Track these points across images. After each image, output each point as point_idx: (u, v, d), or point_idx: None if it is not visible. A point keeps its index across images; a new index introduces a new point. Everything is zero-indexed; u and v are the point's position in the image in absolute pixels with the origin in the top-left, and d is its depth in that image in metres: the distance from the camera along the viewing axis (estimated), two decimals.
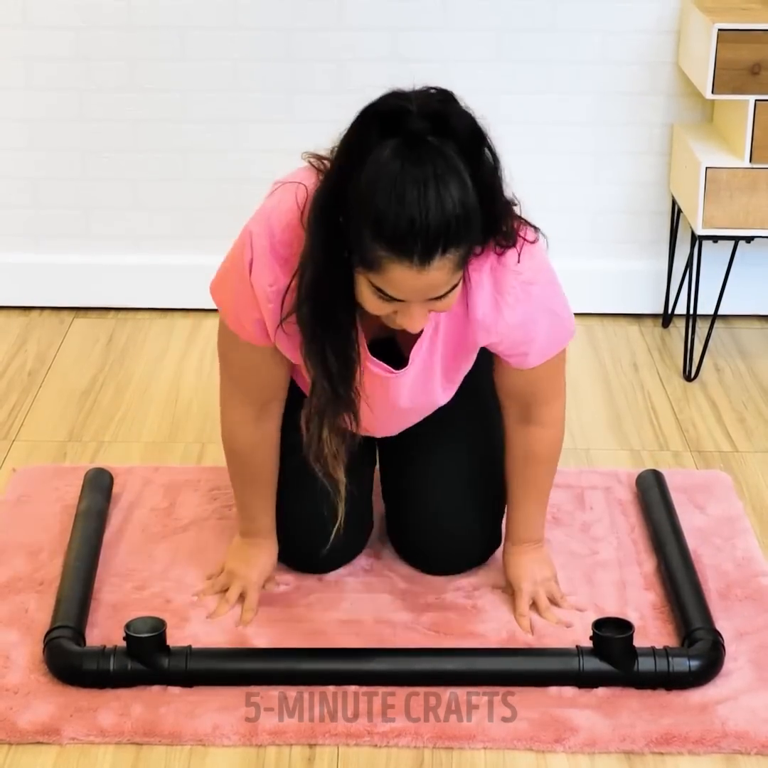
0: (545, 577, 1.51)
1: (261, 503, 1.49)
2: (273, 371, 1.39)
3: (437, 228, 1.15)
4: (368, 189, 1.15)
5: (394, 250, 1.16)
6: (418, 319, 1.22)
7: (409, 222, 1.14)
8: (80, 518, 1.62)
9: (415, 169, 1.15)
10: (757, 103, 1.97)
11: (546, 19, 2.17)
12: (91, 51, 2.18)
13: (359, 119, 1.19)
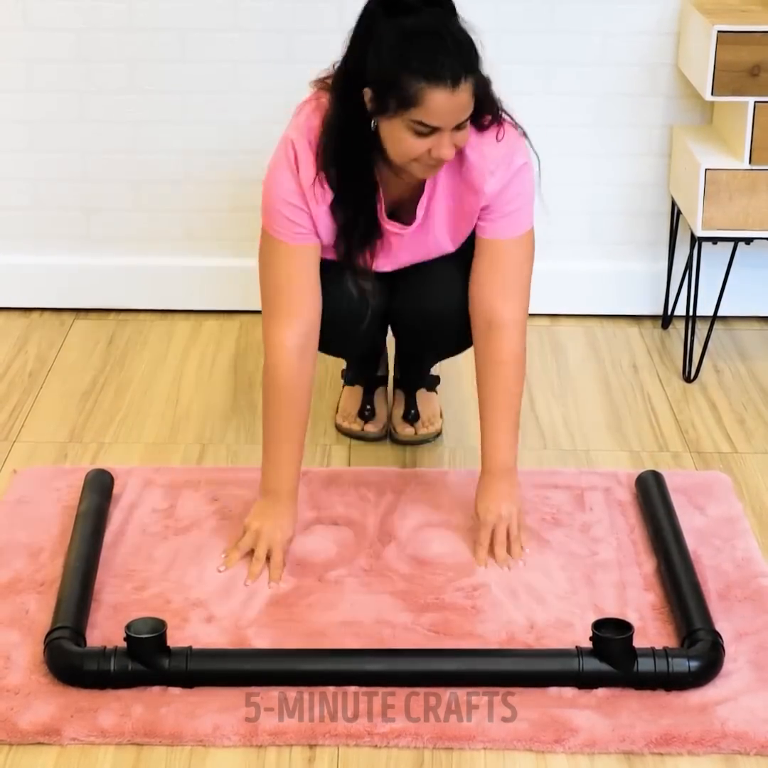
0: (510, 512, 1.60)
1: (289, 449, 1.59)
2: (312, 278, 1.59)
3: (459, 54, 1.46)
4: (395, 44, 1.45)
5: (431, 78, 1.44)
6: (450, 147, 1.49)
7: (436, 54, 1.44)
8: (81, 519, 1.62)
9: (425, 20, 1.46)
10: (757, 105, 1.98)
11: (545, 21, 2.18)
12: (91, 53, 2.18)
13: (362, 12, 1.50)
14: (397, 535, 1.65)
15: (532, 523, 1.68)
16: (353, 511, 1.70)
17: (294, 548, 1.62)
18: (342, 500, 1.73)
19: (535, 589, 1.55)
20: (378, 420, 1.91)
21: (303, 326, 1.59)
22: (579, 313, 2.30)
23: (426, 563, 1.60)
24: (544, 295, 2.30)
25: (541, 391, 2.05)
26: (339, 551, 1.62)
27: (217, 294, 2.31)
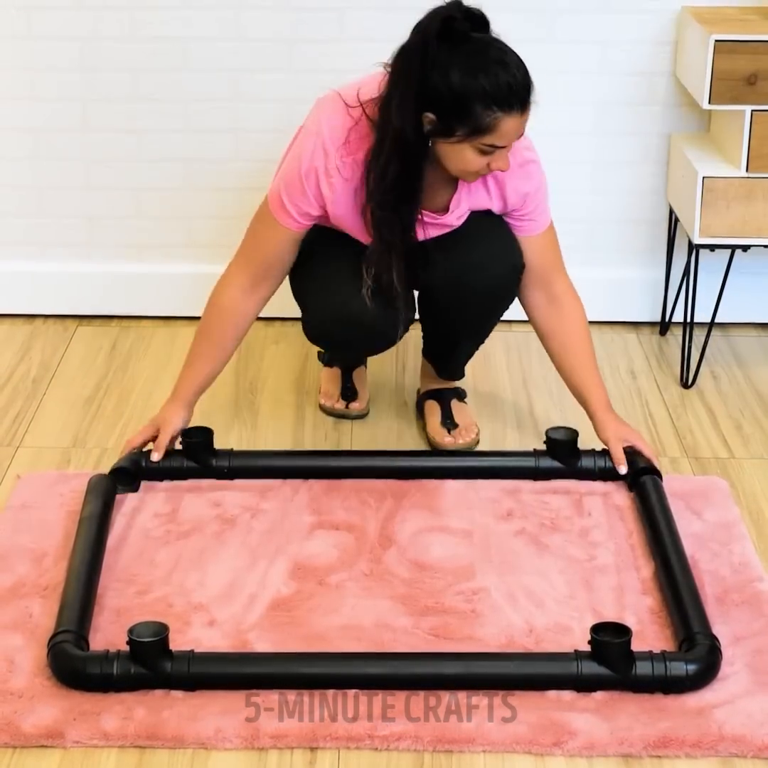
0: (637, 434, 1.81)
1: (195, 364, 1.78)
2: (284, 256, 1.75)
3: (525, 82, 1.60)
4: (464, 73, 1.56)
5: (504, 108, 1.58)
6: (507, 158, 1.64)
7: (508, 85, 1.58)
8: (84, 524, 1.64)
9: (485, 48, 1.59)
10: (754, 113, 1.99)
11: (545, 30, 2.19)
12: (94, 62, 2.20)
13: (415, 39, 1.60)
14: (398, 539, 1.66)
15: (531, 528, 1.69)
16: (354, 515, 1.71)
17: (295, 552, 1.64)
18: (343, 505, 1.74)
19: (534, 593, 1.56)
20: (361, 398, 1.97)
21: (257, 275, 1.75)
22: None
23: (426, 567, 1.61)
24: None
25: (539, 396, 2.06)
26: (340, 556, 1.63)
27: None
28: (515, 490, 1.77)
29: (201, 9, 2.18)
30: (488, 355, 2.15)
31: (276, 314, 2.31)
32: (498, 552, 1.64)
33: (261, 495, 1.76)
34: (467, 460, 1.81)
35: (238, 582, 1.58)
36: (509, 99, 1.57)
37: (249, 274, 1.76)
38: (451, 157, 1.62)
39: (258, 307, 1.80)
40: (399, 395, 2.06)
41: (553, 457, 1.77)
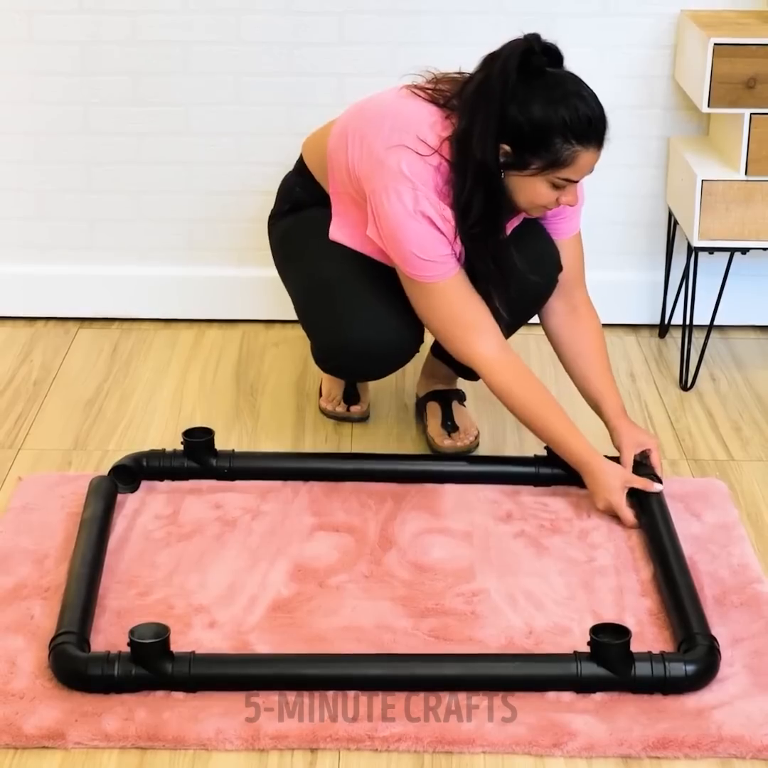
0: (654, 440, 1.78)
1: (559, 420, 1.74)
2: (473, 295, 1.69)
3: (602, 117, 1.62)
4: (544, 107, 1.58)
5: (584, 142, 1.60)
6: (572, 197, 1.66)
7: (588, 120, 1.60)
8: (85, 525, 1.64)
9: (563, 82, 1.60)
10: (753, 117, 1.99)
11: (544, 34, 2.19)
12: (95, 65, 2.21)
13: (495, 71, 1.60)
14: (398, 541, 1.67)
15: (530, 530, 1.70)
16: (354, 517, 1.72)
17: (295, 554, 1.64)
18: (343, 507, 1.74)
19: (534, 595, 1.57)
20: (362, 402, 1.97)
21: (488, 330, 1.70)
22: None
23: (426, 569, 1.62)
24: None
25: None
26: (340, 557, 1.64)
27: (219, 303, 2.33)
28: (515, 492, 1.78)
29: (201, 13, 2.18)
30: None
31: (276, 317, 2.31)
32: (498, 554, 1.64)
33: (261, 497, 1.76)
34: (467, 465, 1.81)
35: (238, 583, 1.58)
36: (588, 133, 1.59)
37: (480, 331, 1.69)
38: (522, 189, 1.63)
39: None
40: (399, 398, 2.07)
41: (554, 463, 1.77)
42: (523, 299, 1.77)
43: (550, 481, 1.77)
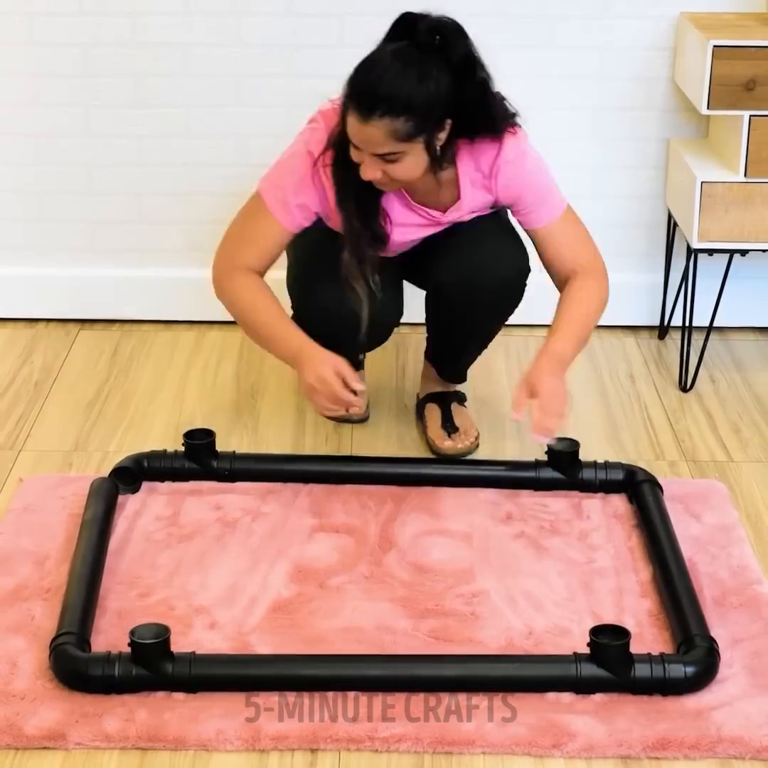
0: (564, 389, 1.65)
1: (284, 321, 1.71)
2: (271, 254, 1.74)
3: (381, 94, 1.55)
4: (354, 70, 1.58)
5: (349, 100, 1.58)
6: (367, 169, 1.61)
7: (363, 83, 1.56)
8: (86, 526, 1.64)
9: (394, 57, 1.56)
10: (752, 119, 2.00)
11: (544, 37, 2.20)
12: (96, 68, 2.21)
13: None
14: (398, 542, 1.67)
15: (530, 531, 1.70)
16: (354, 519, 1.72)
17: (296, 555, 1.64)
18: (343, 508, 1.75)
19: (534, 596, 1.57)
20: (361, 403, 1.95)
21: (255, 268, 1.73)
22: None
23: (426, 570, 1.62)
24: (543, 305, 2.31)
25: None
26: (340, 558, 1.64)
27: (219, 305, 2.32)
28: (514, 493, 1.78)
29: (202, 15, 2.19)
30: (488, 360, 2.16)
31: None
32: (497, 555, 1.65)
33: (262, 498, 1.77)
34: (468, 468, 1.81)
35: (239, 585, 1.58)
36: (355, 94, 1.57)
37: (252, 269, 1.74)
38: None
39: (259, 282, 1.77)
40: (399, 399, 2.07)
41: (554, 468, 1.77)
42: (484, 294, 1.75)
43: (550, 486, 1.77)
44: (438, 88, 1.57)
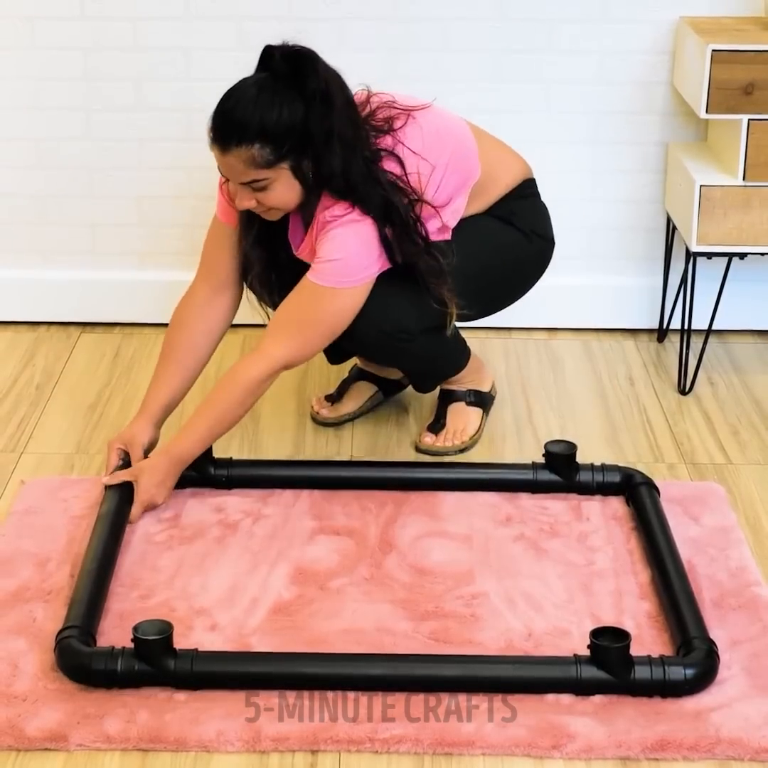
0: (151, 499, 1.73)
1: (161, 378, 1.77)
2: (232, 253, 1.77)
3: (235, 122, 1.60)
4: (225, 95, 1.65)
5: (210, 132, 1.63)
6: (240, 199, 1.66)
7: (219, 113, 1.62)
8: (100, 522, 1.64)
9: (250, 87, 1.62)
10: (751, 123, 2.00)
11: (543, 40, 2.21)
12: (97, 71, 2.22)
13: None
14: (398, 544, 1.68)
15: (530, 533, 1.71)
16: (355, 521, 1.73)
17: (296, 557, 1.65)
18: (343, 511, 1.75)
19: (533, 598, 1.58)
20: (337, 407, 1.96)
21: (214, 282, 1.78)
22: (576, 326, 2.33)
23: (426, 572, 1.62)
24: (542, 309, 2.33)
25: (538, 403, 2.08)
26: (341, 560, 1.65)
27: None
28: (514, 496, 1.78)
29: (203, 19, 2.20)
30: (487, 362, 2.17)
31: None
32: (497, 557, 1.65)
33: (263, 500, 1.77)
34: (465, 472, 1.81)
35: (239, 586, 1.59)
36: (213, 126, 1.62)
37: (207, 285, 1.79)
38: None
39: (220, 322, 1.80)
40: (399, 401, 2.08)
41: (552, 470, 1.78)
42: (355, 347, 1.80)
43: (547, 488, 1.78)
44: (291, 114, 1.60)
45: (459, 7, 2.19)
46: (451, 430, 1.91)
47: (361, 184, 1.64)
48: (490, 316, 1.93)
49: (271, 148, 1.60)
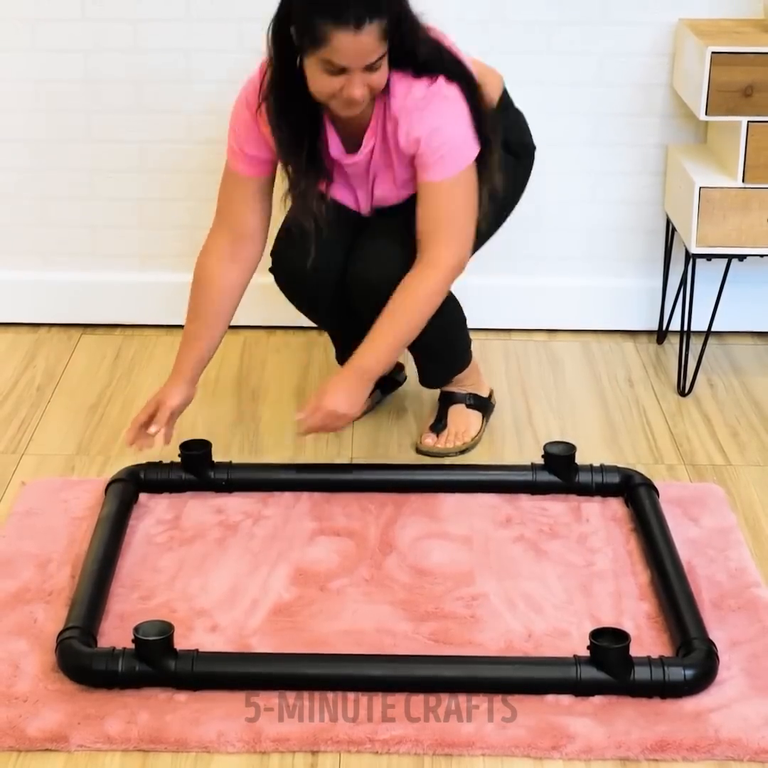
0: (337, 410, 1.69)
1: (191, 340, 1.76)
2: (255, 209, 1.75)
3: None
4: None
5: (334, 18, 1.53)
6: (359, 88, 1.58)
7: None
8: (100, 524, 1.65)
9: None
10: (750, 125, 2.01)
11: (543, 43, 2.22)
12: (98, 73, 2.22)
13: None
14: (398, 545, 1.68)
15: (529, 534, 1.71)
16: (355, 522, 1.73)
17: (297, 558, 1.65)
18: (344, 512, 1.76)
19: (533, 599, 1.58)
20: None
21: (233, 235, 1.74)
22: (576, 328, 2.34)
23: (426, 573, 1.63)
24: (542, 310, 2.34)
25: (538, 405, 2.08)
26: (341, 561, 1.65)
27: None
28: (514, 497, 1.79)
29: (204, 21, 2.20)
30: (487, 363, 2.18)
31: (278, 323, 2.33)
32: (497, 558, 1.66)
33: (263, 502, 1.78)
34: (465, 473, 1.81)
35: (240, 587, 1.59)
36: (341, 11, 1.52)
37: (226, 239, 1.75)
38: (309, 76, 1.59)
39: (243, 275, 1.77)
40: (400, 402, 2.08)
41: (551, 471, 1.78)
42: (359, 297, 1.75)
43: (547, 490, 1.78)
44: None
45: (459, 8, 2.20)
46: (453, 432, 1.91)
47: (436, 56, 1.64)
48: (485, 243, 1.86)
49: (387, 20, 1.57)
